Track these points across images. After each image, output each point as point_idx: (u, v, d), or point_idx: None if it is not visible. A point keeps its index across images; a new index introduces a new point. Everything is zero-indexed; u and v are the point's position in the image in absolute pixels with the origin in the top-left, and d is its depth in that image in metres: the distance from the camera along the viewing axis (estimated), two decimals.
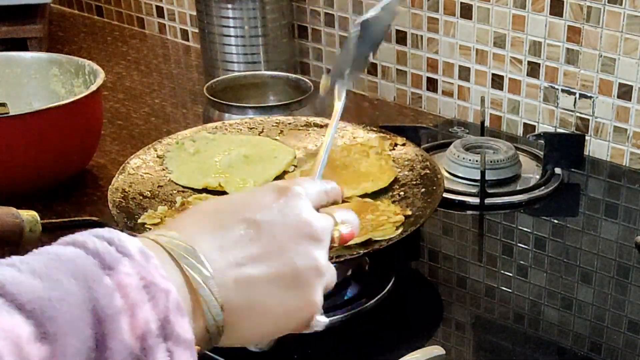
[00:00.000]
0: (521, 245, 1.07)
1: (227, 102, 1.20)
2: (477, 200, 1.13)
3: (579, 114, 1.28)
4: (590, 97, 1.25)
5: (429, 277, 1.02)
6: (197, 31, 1.59)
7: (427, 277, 1.02)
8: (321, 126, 1.10)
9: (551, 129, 1.31)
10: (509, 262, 1.03)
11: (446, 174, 1.18)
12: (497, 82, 1.34)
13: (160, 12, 1.83)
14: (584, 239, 1.07)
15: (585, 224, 1.11)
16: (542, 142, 1.20)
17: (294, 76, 1.30)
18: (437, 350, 0.80)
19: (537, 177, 1.20)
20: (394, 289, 0.95)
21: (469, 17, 1.34)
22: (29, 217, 0.96)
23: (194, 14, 1.65)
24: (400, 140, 1.07)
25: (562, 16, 1.24)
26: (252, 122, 1.12)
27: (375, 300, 0.93)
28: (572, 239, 1.07)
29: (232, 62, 1.44)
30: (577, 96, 1.27)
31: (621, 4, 1.17)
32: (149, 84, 1.58)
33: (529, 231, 1.10)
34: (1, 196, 1.05)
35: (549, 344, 0.88)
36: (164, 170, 1.03)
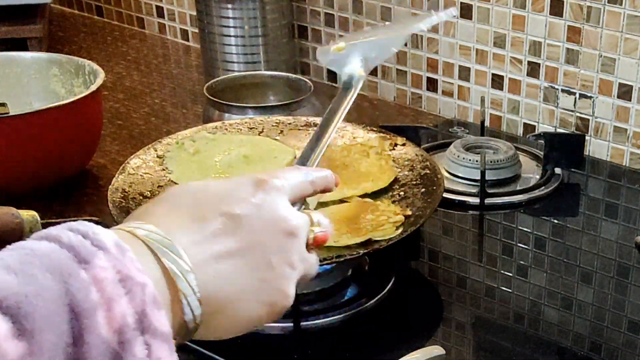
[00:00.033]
0: (521, 245, 1.07)
1: (227, 102, 1.20)
2: (477, 200, 1.13)
3: (579, 114, 1.28)
4: (590, 97, 1.25)
5: (429, 277, 1.02)
6: (197, 31, 1.59)
7: (427, 277, 1.02)
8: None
9: (551, 129, 1.31)
10: (509, 262, 1.03)
11: (446, 174, 1.18)
12: (497, 82, 1.34)
13: (160, 12, 1.83)
14: (584, 239, 1.07)
15: (585, 224, 1.11)
16: (542, 142, 1.20)
17: (294, 76, 1.30)
18: (437, 350, 0.80)
19: (537, 177, 1.20)
20: (394, 289, 0.95)
21: (469, 17, 1.33)
22: (29, 217, 0.96)
23: (194, 14, 1.65)
24: (400, 140, 1.07)
25: (562, 16, 1.24)
26: (252, 122, 1.12)
27: (375, 300, 0.93)
28: (572, 239, 1.07)
29: (232, 62, 1.44)
30: (577, 96, 1.27)
31: (621, 4, 1.17)
32: (149, 84, 1.58)
33: (529, 231, 1.10)
34: (1, 196, 1.05)
35: (549, 344, 0.88)
36: (164, 170, 1.03)
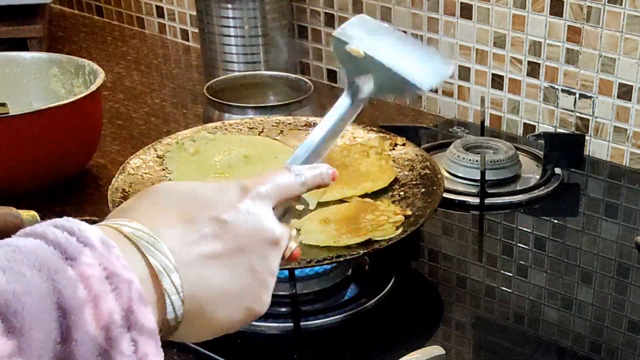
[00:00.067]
0: (521, 245, 1.07)
1: (227, 102, 1.20)
2: (477, 200, 1.12)
3: (579, 114, 1.28)
4: (590, 97, 1.25)
5: (429, 277, 1.02)
6: (197, 31, 1.59)
7: (427, 277, 1.02)
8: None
9: (551, 129, 1.30)
10: (509, 262, 1.03)
11: (446, 174, 1.18)
12: (497, 82, 1.34)
13: (160, 12, 1.83)
14: (584, 239, 1.07)
15: (585, 224, 1.11)
16: (542, 142, 1.20)
17: (294, 76, 1.30)
18: (437, 350, 0.80)
19: (537, 177, 1.20)
20: (394, 289, 0.95)
21: (469, 17, 1.33)
22: (29, 217, 0.96)
23: (194, 14, 1.65)
24: (400, 140, 1.07)
25: (562, 16, 1.24)
26: (252, 122, 1.12)
27: (375, 300, 0.93)
28: (572, 239, 1.07)
29: (232, 62, 1.44)
30: (577, 96, 1.27)
31: (621, 4, 1.17)
32: (149, 84, 1.58)
33: (529, 231, 1.10)
34: (1, 196, 1.05)
35: (549, 344, 0.88)
36: (164, 170, 1.03)
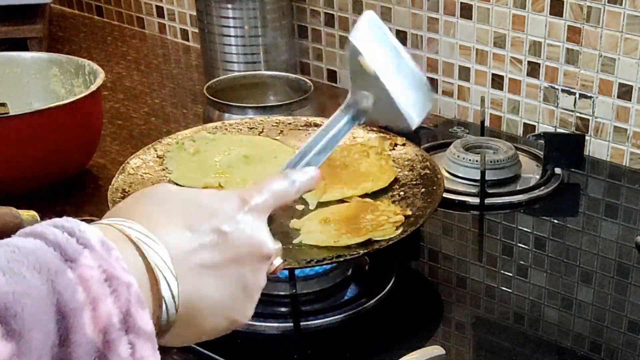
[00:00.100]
0: (521, 245, 1.07)
1: (227, 102, 1.20)
2: (477, 200, 1.12)
3: (579, 114, 1.28)
4: (590, 97, 1.25)
5: (429, 277, 1.02)
6: (197, 31, 1.59)
7: (427, 277, 1.02)
8: (321, 126, 1.10)
9: (551, 129, 1.30)
10: (509, 262, 1.03)
11: (446, 174, 1.18)
12: (497, 82, 1.34)
13: (160, 12, 1.83)
14: (584, 239, 1.07)
15: (585, 224, 1.11)
16: (542, 142, 1.20)
17: (294, 76, 1.30)
18: (437, 350, 0.80)
19: (537, 177, 1.20)
20: (394, 289, 0.95)
21: (469, 17, 1.33)
22: (29, 217, 0.96)
23: (194, 14, 1.65)
24: (400, 140, 1.07)
25: (562, 16, 1.24)
26: (252, 122, 1.12)
27: (375, 300, 0.93)
28: (572, 239, 1.07)
29: (232, 62, 1.44)
30: (577, 96, 1.27)
31: (621, 4, 1.17)
32: (149, 84, 1.58)
33: (529, 231, 1.10)
34: (1, 196, 1.05)
35: (549, 344, 0.88)
36: (164, 170, 1.03)
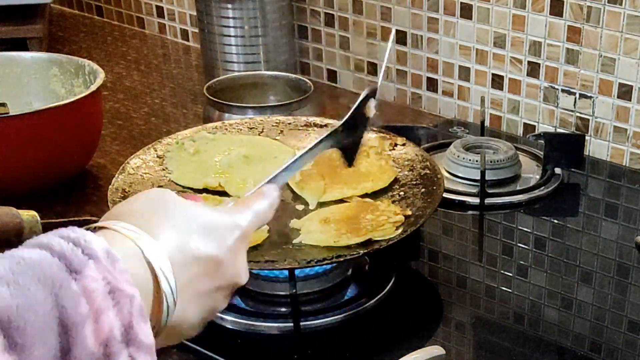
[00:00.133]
0: (521, 245, 1.07)
1: (227, 102, 1.20)
2: (477, 200, 1.12)
3: (579, 114, 1.28)
4: (590, 97, 1.25)
5: (429, 277, 1.02)
6: (197, 31, 1.59)
7: (427, 277, 1.02)
8: (321, 126, 1.10)
9: (551, 129, 1.30)
10: (509, 262, 1.03)
11: (446, 174, 1.18)
12: (497, 82, 1.34)
13: (160, 12, 1.83)
14: (584, 239, 1.07)
15: (585, 224, 1.11)
16: (542, 142, 1.20)
17: (294, 76, 1.30)
18: (437, 350, 0.80)
19: (537, 177, 1.20)
20: (394, 289, 0.95)
21: (469, 17, 1.33)
22: (29, 217, 0.96)
23: (194, 14, 1.65)
24: (400, 140, 1.07)
25: (562, 16, 1.24)
26: (252, 122, 1.12)
27: (375, 300, 0.93)
28: (572, 239, 1.07)
29: (232, 62, 1.44)
30: (577, 96, 1.27)
31: (621, 4, 1.17)
32: (149, 84, 1.58)
33: (529, 231, 1.10)
34: (1, 196, 1.05)
35: (549, 344, 0.88)
36: (164, 170, 1.03)
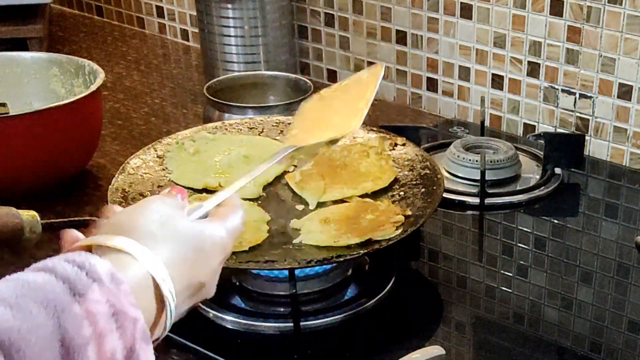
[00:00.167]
0: (521, 245, 1.07)
1: (227, 102, 1.20)
2: (477, 200, 1.12)
3: (579, 114, 1.28)
4: (590, 97, 1.25)
5: (429, 277, 1.02)
6: (197, 31, 1.59)
7: (427, 277, 1.02)
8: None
9: (551, 129, 1.30)
10: (509, 262, 1.03)
11: (446, 174, 1.18)
12: (497, 82, 1.34)
13: (160, 12, 1.83)
14: (584, 239, 1.07)
15: (585, 224, 1.11)
16: (542, 142, 1.20)
17: (294, 76, 1.30)
18: (437, 350, 0.80)
19: (537, 177, 1.20)
20: (394, 289, 0.95)
21: (469, 17, 1.33)
22: (29, 217, 0.96)
23: (194, 14, 1.65)
24: (400, 140, 1.07)
25: (562, 16, 1.24)
26: (252, 122, 1.12)
27: (375, 300, 0.93)
28: (572, 239, 1.07)
29: (232, 62, 1.44)
30: (577, 96, 1.27)
31: (621, 4, 1.17)
32: (149, 84, 1.58)
33: (529, 231, 1.10)
34: (1, 196, 1.05)
35: (549, 344, 0.88)
36: (164, 170, 1.03)
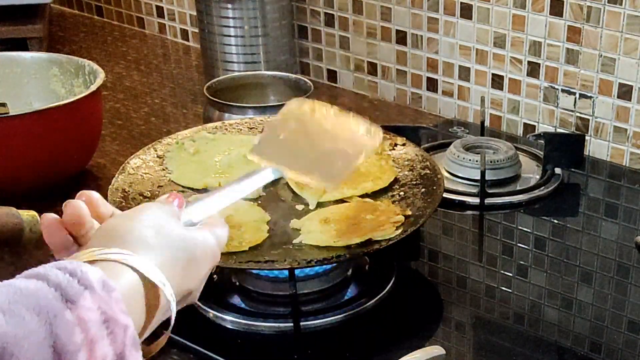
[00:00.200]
0: (521, 245, 1.07)
1: (227, 102, 1.20)
2: (477, 200, 1.12)
3: (579, 114, 1.28)
4: (590, 97, 1.25)
5: (429, 277, 1.02)
6: (197, 31, 1.59)
7: (427, 277, 1.02)
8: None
9: (551, 129, 1.30)
10: (509, 262, 1.03)
11: (446, 174, 1.18)
12: (497, 82, 1.34)
13: (160, 12, 1.83)
14: (584, 239, 1.07)
15: (585, 224, 1.11)
16: (542, 142, 1.20)
17: (294, 76, 1.30)
18: (437, 350, 0.80)
19: (537, 177, 1.20)
20: (394, 289, 0.95)
21: (469, 17, 1.33)
22: (29, 217, 0.96)
23: (194, 14, 1.65)
24: (400, 140, 1.07)
25: (562, 16, 1.24)
26: (252, 122, 1.12)
27: (375, 300, 0.93)
28: (572, 239, 1.07)
29: (232, 62, 1.44)
30: (577, 96, 1.27)
31: (621, 4, 1.17)
32: (149, 84, 1.58)
33: (529, 231, 1.10)
34: (1, 196, 1.05)
35: (549, 344, 0.88)
36: (164, 170, 1.03)
